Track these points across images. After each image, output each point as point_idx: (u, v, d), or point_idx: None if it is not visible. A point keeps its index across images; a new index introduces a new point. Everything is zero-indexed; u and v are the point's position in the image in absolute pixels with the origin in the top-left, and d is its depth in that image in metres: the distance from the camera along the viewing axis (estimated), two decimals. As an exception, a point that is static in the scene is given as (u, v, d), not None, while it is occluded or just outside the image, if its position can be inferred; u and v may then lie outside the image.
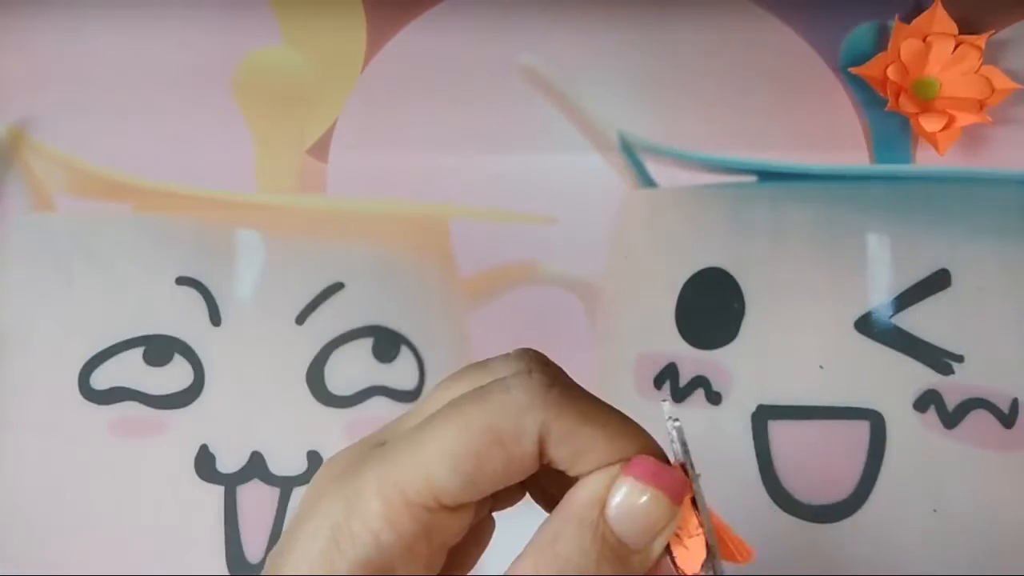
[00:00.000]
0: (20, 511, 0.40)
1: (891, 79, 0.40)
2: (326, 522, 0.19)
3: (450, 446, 0.19)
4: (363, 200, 0.42)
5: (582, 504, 0.19)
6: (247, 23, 0.43)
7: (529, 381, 0.20)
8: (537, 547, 0.19)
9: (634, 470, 0.20)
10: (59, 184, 0.42)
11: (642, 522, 0.19)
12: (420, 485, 0.19)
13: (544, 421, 0.19)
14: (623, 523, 0.19)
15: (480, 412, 0.19)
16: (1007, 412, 0.39)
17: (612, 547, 0.19)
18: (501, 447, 0.19)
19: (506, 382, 0.20)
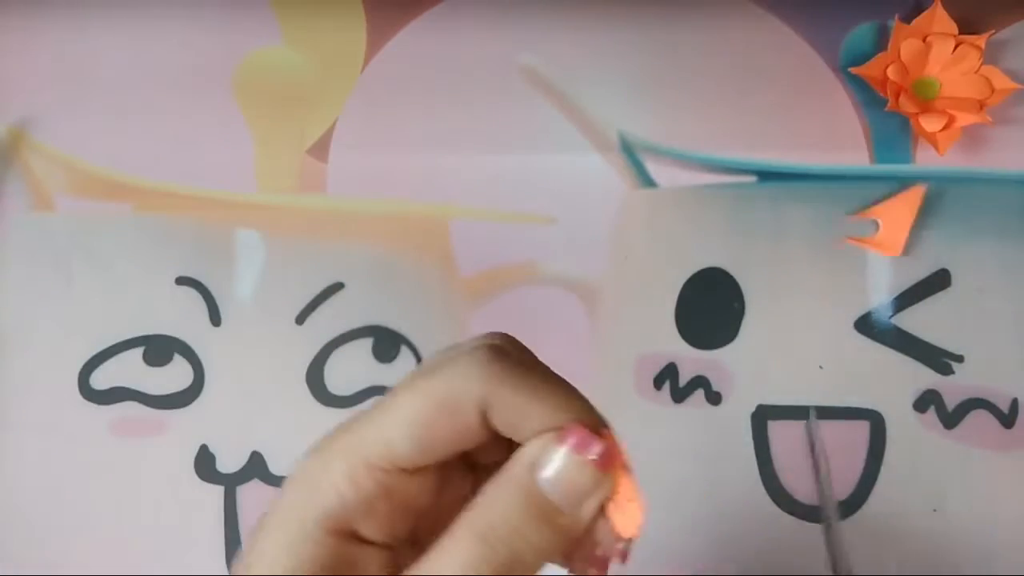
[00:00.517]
0: (20, 511, 0.40)
1: (891, 79, 0.40)
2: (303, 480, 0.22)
3: (404, 415, 0.21)
4: (363, 200, 0.42)
5: (517, 466, 0.21)
6: (247, 23, 0.43)
7: (473, 357, 0.22)
8: (474, 506, 0.21)
9: (565, 437, 0.21)
10: (59, 184, 0.42)
11: (569, 487, 0.21)
12: (380, 449, 0.21)
13: (484, 393, 0.21)
14: (552, 486, 0.21)
15: (430, 385, 0.21)
16: (1007, 412, 0.39)
17: (541, 508, 0.21)
18: (448, 416, 0.21)
19: (455, 359, 0.22)
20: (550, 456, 0.21)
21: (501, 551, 0.20)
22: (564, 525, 0.21)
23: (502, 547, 0.20)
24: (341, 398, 0.40)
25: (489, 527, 0.20)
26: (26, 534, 0.40)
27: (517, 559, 0.20)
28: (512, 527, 0.21)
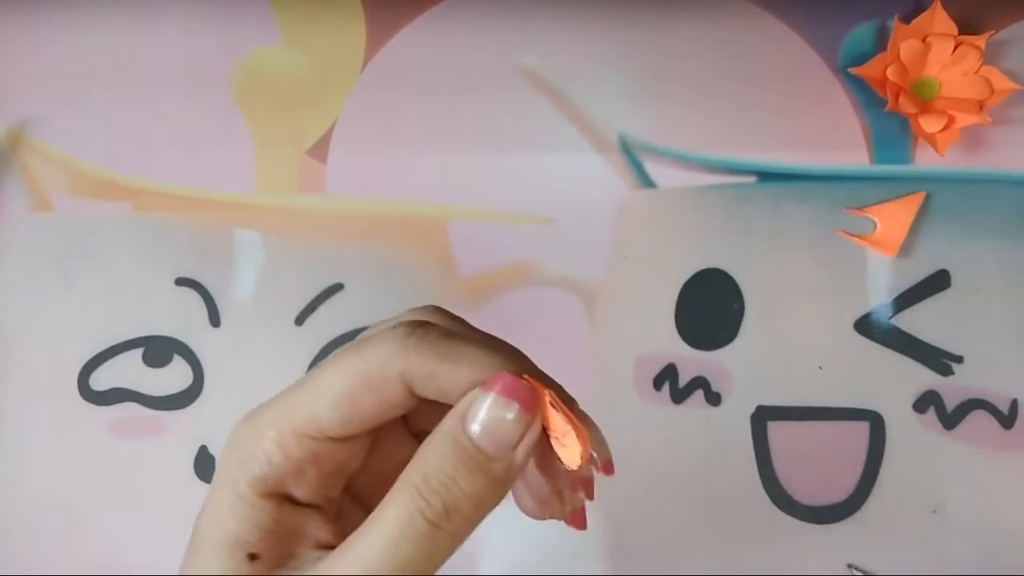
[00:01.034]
0: (20, 511, 0.40)
1: (891, 79, 0.40)
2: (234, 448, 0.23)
3: (329, 388, 0.22)
4: (362, 200, 0.42)
5: (448, 420, 0.22)
6: (247, 23, 0.43)
7: (394, 333, 0.23)
8: (411, 462, 0.22)
9: (490, 386, 0.22)
10: (58, 184, 0.42)
11: (497, 432, 0.22)
12: (306, 418, 0.22)
13: (405, 367, 0.22)
14: (481, 434, 0.22)
15: (353, 361, 0.22)
16: (1006, 413, 0.39)
17: (472, 455, 0.21)
18: (371, 390, 0.22)
19: (377, 335, 0.23)
20: (477, 406, 0.22)
21: (436, 502, 0.21)
22: (498, 472, 0.22)
23: (436, 498, 0.21)
24: (341, 399, 0.40)
25: (423, 479, 0.21)
26: (26, 534, 0.40)
27: (454, 508, 0.21)
28: (446, 477, 0.21)
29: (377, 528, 0.21)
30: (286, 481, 0.23)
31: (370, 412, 0.23)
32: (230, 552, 0.22)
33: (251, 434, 0.23)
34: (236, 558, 0.22)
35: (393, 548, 0.21)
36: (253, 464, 0.22)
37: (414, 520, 0.21)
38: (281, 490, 0.23)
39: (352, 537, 0.21)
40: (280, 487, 0.23)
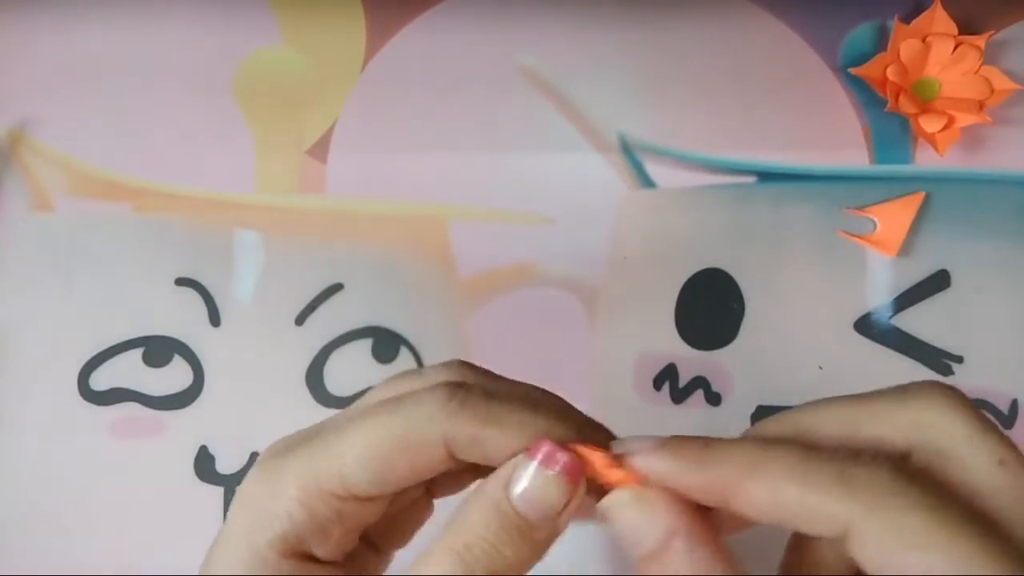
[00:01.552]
0: (20, 511, 0.40)
1: (891, 79, 0.40)
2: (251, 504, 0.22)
3: (362, 447, 0.21)
4: (363, 200, 0.42)
5: (490, 485, 0.21)
6: (247, 23, 0.43)
7: (433, 394, 0.22)
8: (450, 525, 0.21)
9: (533, 453, 0.21)
10: (58, 184, 0.42)
11: (540, 501, 0.21)
12: (334, 477, 0.21)
13: (448, 431, 0.21)
14: (523, 502, 0.21)
15: (391, 420, 0.22)
16: (1007, 412, 0.39)
17: (515, 523, 0.21)
18: (407, 453, 0.21)
19: (418, 395, 0.22)
20: (520, 473, 0.21)
21: (479, 569, 0.21)
22: (540, 539, 0.22)
23: (479, 566, 0.21)
24: (341, 399, 0.40)
25: (465, 546, 0.21)
26: (26, 534, 0.40)
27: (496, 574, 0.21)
28: (488, 544, 0.21)
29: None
30: (307, 540, 0.22)
31: (404, 474, 0.22)
32: None
33: (270, 490, 0.22)
34: None
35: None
36: (274, 522, 0.22)
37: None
38: (302, 548, 0.22)
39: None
40: (301, 545, 0.22)
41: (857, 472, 0.20)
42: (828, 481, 0.20)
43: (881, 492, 0.19)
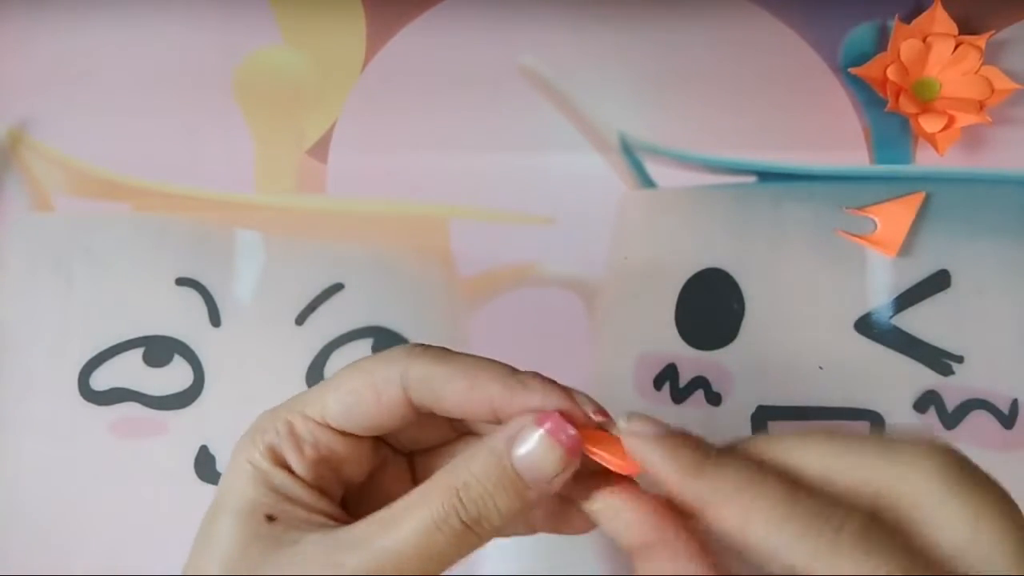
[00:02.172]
0: (20, 511, 0.40)
1: (891, 79, 0.40)
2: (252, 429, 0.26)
3: (338, 382, 0.25)
4: (363, 200, 0.42)
5: (497, 439, 0.24)
6: (247, 23, 0.43)
7: (400, 347, 0.26)
8: (454, 464, 0.24)
9: (542, 422, 0.24)
10: (58, 184, 0.42)
11: (539, 467, 0.23)
12: (316, 405, 0.25)
13: (404, 368, 0.25)
14: (523, 463, 0.23)
15: (364, 363, 0.25)
16: (1007, 413, 0.39)
17: (511, 479, 0.23)
18: (372, 389, 0.25)
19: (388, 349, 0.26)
20: (525, 436, 0.24)
21: (472, 509, 0.23)
22: (531, 497, 0.24)
23: (473, 506, 0.23)
24: (341, 398, 0.40)
25: (464, 485, 0.23)
26: (26, 534, 0.40)
27: (484, 517, 0.23)
28: (485, 491, 0.23)
29: (413, 514, 0.23)
30: (286, 453, 0.25)
31: (369, 410, 0.25)
32: (249, 515, 0.24)
33: (267, 417, 0.26)
34: (255, 520, 0.24)
35: (426, 535, 0.23)
36: (265, 435, 0.25)
37: (449, 518, 0.23)
38: (282, 461, 0.25)
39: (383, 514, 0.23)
40: (282, 458, 0.25)
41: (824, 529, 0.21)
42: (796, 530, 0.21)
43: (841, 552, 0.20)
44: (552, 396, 0.24)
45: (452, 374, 0.25)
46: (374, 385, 0.25)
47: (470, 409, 0.25)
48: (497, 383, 0.24)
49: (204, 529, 0.25)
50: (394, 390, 0.25)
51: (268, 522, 0.24)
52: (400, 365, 0.25)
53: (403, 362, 0.25)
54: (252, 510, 0.24)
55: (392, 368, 0.25)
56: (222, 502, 0.25)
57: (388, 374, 0.25)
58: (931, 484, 0.21)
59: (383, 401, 0.25)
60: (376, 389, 0.25)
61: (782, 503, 0.21)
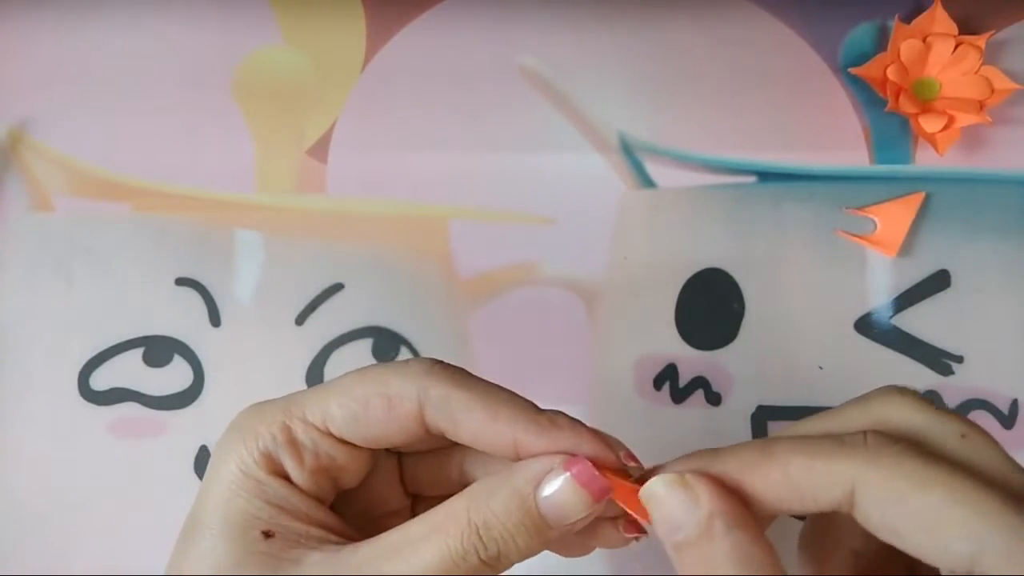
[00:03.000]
0: (20, 511, 0.40)
1: (891, 79, 0.40)
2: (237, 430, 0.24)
3: (345, 390, 0.24)
4: (363, 200, 0.42)
5: (522, 477, 0.23)
6: (247, 23, 0.43)
7: (418, 361, 0.24)
8: (474, 494, 0.23)
9: (571, 466, 0.23)
10: (58, 184, 0.42)
11: (563, 511, 0.23)
12: (317, 412, 0.24)
13: (423, 386, 0.23)
14: (549, 506, 0.23)
15: (375, 371, 0.24)
16: (1007, 413, 0.39)
17: (534, 519, 0.23)
18: (385, 400, 0.23)
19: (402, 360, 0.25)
20: (552, 479, 0.23)
21: (492, 548, 0.22)
22: (551, 538, 0.23)
23: (493, 545, 0.22)
24: (341, 399, 0.40)
25: (484, 524, 0.22)
26: (26, 534, 0.40)
27: (503, 555, 0.23)
28: (506, 531, 0.22)
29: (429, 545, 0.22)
30: (284, 461, 0.23)
31: (377, 421, 0.24)
32: (242, 532, 0.22)
33: (257, 418, 0.24)
34: (249, 537, 0.22)
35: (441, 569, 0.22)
36: (259, 441, 0.23)
37: (468, 556, 0.22)
38: (279, 472, 0.23)
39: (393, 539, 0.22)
40: (278, 469, 0.23)
41: (852, 438, 0.22)
42: (830, 447, 0.21)
43: (877, 448, 0.21)
44: (583, 438, 0.24)
45: (473, 401, 0.23)
46: (387, 397, 0.23)
47: (487, 441, 0.24)
48: (523, 420, 0.23)
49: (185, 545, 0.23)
50: (409, 406, 0.23)
51: (265, 539, 0.22)
52: (419, 381, 0.23)
53: (423, 379, 0.23)
54: (246, 525, 0.22)
55: (409, 383, 0.23)
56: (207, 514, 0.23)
57: (404, 388, 0.23)
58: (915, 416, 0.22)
59: (395, 415, 0.24)
60: (388, 401, 0.23)
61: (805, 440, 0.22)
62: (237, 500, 0.23)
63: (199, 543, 0.23)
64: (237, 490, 0.23)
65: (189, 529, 0.23)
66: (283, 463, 0.23)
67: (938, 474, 0.20)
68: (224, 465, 0.23)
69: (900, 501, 0.20)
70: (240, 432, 0.24)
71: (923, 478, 0.20)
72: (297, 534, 0.23)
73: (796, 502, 0.22)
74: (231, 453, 0.23)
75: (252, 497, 0.23)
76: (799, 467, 0.21)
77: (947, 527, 0.20)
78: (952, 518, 0.20)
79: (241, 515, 0.23)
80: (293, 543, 0.23)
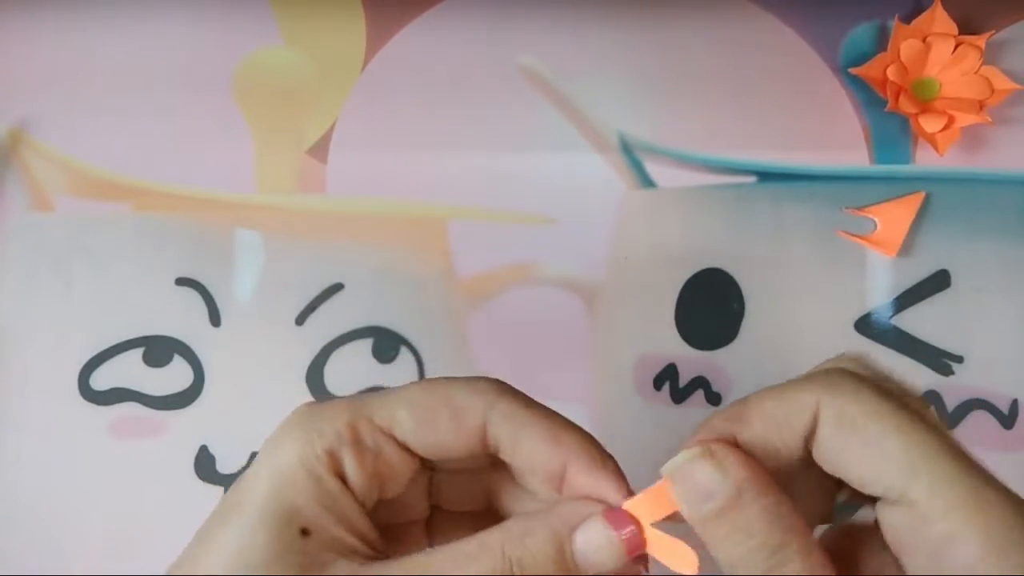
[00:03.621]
0: (20, 511, 0.40)
1: (891, 79, 0.40)
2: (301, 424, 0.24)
3: (413, 399, 0.24)
4: (363, 200, 0.42)
5: (560, 519, 0.23)
6: (247, 23, 0.43)
7: (486, 379, 0.25)
8: (509, 530, 0.23)
9: (610, 517, 0.23)
10: (58, 184, 0.42)
11: (595, 559, 0.23)
12: (384, 415, 0.24)
13: (491, 401, 0.24)
14: (581, 553, 0.23)
15: (443, 384, 0.24)
16: (1007, 413, 0.39)
17: (566, 563, 0.23)
18: (451, 411, 0.24)
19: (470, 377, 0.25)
20: (591, 528, 0.23)
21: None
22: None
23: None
24: (341, 399, 0.40)
25: (519, 560, 0.23)
26: (26, 534, 0.40)
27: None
28: (537, 567, 0.23)
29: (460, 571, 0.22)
30: (346, 460, 0.23)
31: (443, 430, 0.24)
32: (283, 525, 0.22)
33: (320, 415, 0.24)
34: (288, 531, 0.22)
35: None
36: (324, 438, 0.23)
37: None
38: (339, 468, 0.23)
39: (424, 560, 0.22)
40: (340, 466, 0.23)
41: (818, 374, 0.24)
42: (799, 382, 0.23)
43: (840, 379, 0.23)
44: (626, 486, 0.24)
45: (537, 423, 0.24)
46: (454, 408, 0.24)
47: (540, 462, 0.24)
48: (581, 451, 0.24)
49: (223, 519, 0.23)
50: (476, 420, 0.24)
51: (301, 536, 0.22)
52: (487, 396, 0.24)
53: (491, 394, 0.24)
54: (290, 518, 0.22)
55: (477, 397, 0.24)
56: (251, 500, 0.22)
57: (471, 401, 0.24)
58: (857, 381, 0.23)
59: (460, 426, 0.24)
60: (456, 413, 0.24)
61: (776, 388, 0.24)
62: (287, 492, 0.22)
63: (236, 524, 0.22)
64: (290, 482, 0.23)
65: (227, 511, 0.23)
66: (344, 462, 0.23)
67: (885, 405, 0.22)
68: (282, 457, 0.23)
69: (849, 426, 0.22)
70: (302, 428, 0.23)
71: (873, 408, 0.22)
72: (332, 538, 0.23)
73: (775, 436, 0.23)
74: (291, 446, 0.23)
75: (304, 492, 0.23)
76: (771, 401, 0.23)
77: (886, 453, 0.21)
78: (892, 445, 0.21)
79: (287, 508, 0.22)
80: (326, 546, 0.22)
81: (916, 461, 0.21)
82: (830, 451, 0.22)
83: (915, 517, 0.21)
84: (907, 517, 0.21)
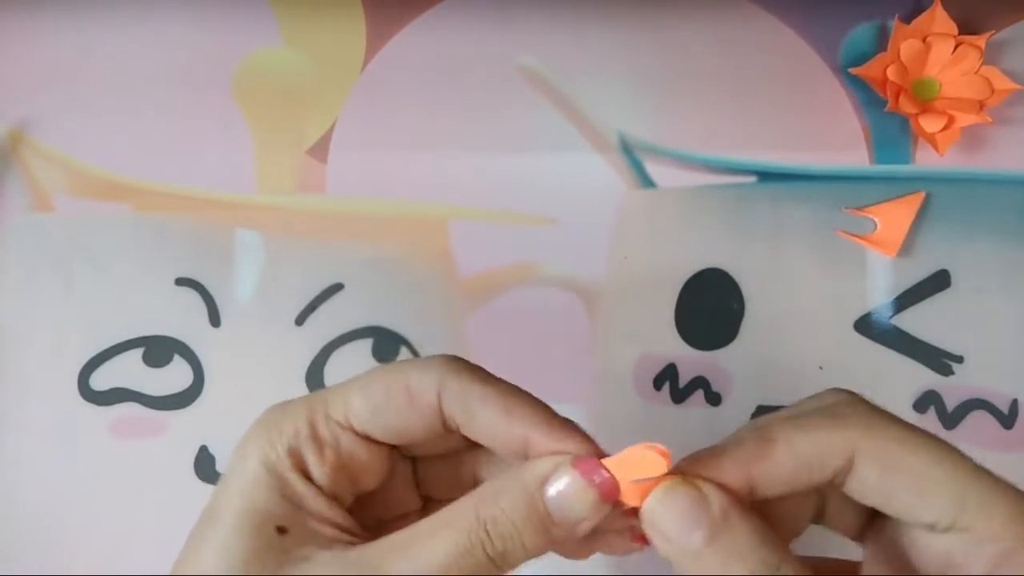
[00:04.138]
0: (20, 512, 0.40)
1: (891, 79, 0.40)
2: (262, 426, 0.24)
3: (366, 384, 0.24)
4: (363, 200, 0.42)
5: (530, 475, 0.23)
6: (247, 23, 0.43)
7: (439, 356, 0.25)
8: (482, 492, 0.23)
9: (579, 465, 0.23)
10: (58, 184, 0.42)
11: (570, 509, 0.23)
12: (339, 406, 0.24)
13: (442, 379, 0.24)
14: (555, 503, 0.23)
15: (396, 366, 0.24)
16: (1007, 413, 0.39)
17: (540, 517, 0.23)
18: (405, 391, 0.24)
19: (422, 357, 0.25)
20: (560, 476, 0.23)
21: (498, 544, 0.22)
22: (557, 536, 0.23)
23: (500, 542, 0.22)
24: (341, 399, 0.40)
25: (492, 520, 0.22)
26: (26, 534, 0.40)
27: (509, 553, 0.23)
28: (513, 528, 0.23)
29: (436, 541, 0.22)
30: (307, 456, 0.24)
31: (398, 413, 0.24)
32: (260, 524, 0.23)
33: (282, 414, 0.24)
34: (265, 530, 0.22)
35: (447, 566, 0.22)
36: (283, 437, 0.24)
37: (474, 550, 0.22)
38: (302, 465, 0.24)
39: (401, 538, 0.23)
40: (302, 463, 0.24)
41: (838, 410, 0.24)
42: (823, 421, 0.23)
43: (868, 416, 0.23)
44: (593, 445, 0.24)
45: (489, 396, 0.24)
46: (407, 387, 0.24)
47: (500, 437, 0.24)
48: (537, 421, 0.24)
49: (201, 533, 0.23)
50: (428, 398, 0.24)
51: (278, 534, 0.22)
52: (438, 373, 0.24)
53: (442, 372, 0.24)
54: (263, 519, 0.23)
55: (428, 374, 0.24)
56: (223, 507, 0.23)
57: (424, 379, 0.24)
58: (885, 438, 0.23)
59: (415, 407, 0.24)
60: (409, 391, 0.24)
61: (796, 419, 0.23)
62: (256, 495, 0.23)
63: (213, 536, 0.23)
64: (257, 485, 0.23)
65: (205, 521, 0.23)
66: (306, 459, 0.24)
67: (920, 439, 0.22)
68: (247, 460, 0.23)
69: (893, 464, 0.22)
70: (265, 428, 0.24)
71: (911, 443, 0.22)
72: (310, 532, 0.23)
73: (805, 476, 0.23)
74: (254, 448, 0.24)
75: (271, 492, 0.23)
76: (803, 443, 0.23)
77: (933, 486, 0.22)
78: (937, 478, 0.22)
79: (258, 510, 0.23)
80: (305, 540, 0.23)
81: (963, 491, 0.22)
82: (872, 489, 0.23)
83: (969, 541, 0.22)
84: (960, 542, 0.22)
